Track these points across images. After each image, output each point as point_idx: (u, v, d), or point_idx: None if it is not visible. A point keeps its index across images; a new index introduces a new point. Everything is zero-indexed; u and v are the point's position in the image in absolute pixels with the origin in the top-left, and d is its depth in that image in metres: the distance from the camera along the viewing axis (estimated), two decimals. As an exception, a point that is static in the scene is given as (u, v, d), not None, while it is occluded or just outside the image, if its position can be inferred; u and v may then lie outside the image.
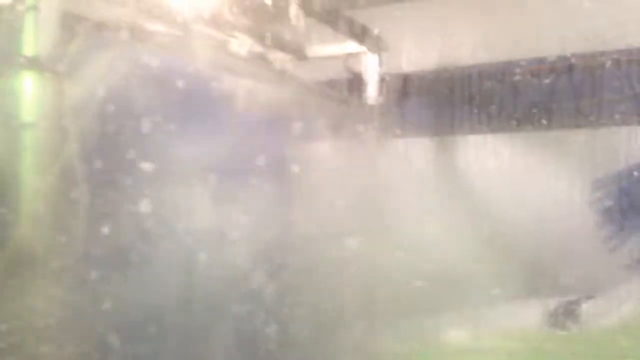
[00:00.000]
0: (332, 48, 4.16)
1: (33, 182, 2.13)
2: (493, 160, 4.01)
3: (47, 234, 2.13)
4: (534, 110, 4.11)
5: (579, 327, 2.10)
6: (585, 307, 2.20)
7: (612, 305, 2.17)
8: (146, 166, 2.38)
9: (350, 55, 4.17)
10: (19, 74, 2.13)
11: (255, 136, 3.40)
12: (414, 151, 4.17)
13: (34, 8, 2.12)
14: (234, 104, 3.10)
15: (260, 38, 3.72)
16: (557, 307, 2.22)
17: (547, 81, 4.20)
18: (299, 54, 4.15)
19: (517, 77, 4.29)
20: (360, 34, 3.99)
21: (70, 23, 2.22)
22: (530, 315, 2.29)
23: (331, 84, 4.10)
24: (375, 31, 4.07)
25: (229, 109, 3.08)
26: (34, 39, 2.13)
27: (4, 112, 2.13)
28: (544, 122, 4.03)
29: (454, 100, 4.28)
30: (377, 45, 4.12)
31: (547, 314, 2.22)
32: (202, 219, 2.58)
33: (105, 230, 2.15)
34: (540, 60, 4.30)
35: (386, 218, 3.67)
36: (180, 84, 2.60)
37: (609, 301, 2.20)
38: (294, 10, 3.68)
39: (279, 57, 4.13)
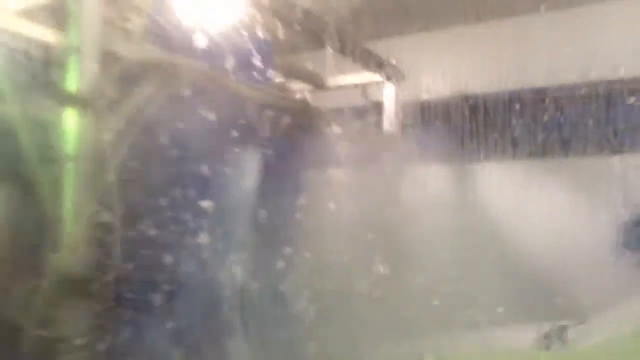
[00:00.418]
0: (351, 78, 4.33)
1: (75, 209, 2.29)
2: (507, 186, 4.12)
3: (87, 257, 2.28)
4: (549, 138, 4.22)
5: (567, 348, 2.20)
6: (574, 330, 2.29)
7: (600, 328, 2.25)
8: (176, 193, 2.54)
9: (369, 84, 4.34)
10: (63, 109, 2.31)
11: (278, 162, 3.55)
12: (431, 177, 4.29)
13: (78, 49, 2.30)
14: (259, 132, 3.24)
15: (282, 68, 3.90)
16: (549, 329, 2.31)
17: (562, 109, 4.32)
18: (320, 84, 4.33)
19: (532, 105, 4.41)
20: (378, 64, 4.16)
21: (109, 62, 2.40)
22: (523, 336, 2.39)
23: (351, 112, 4.25)
24: (392, 61, 4.23)
25: (254, 136, 3.22)
26: (77, 77, 2.31)
27: (49, 145, 2.30)
28: (558, 149, 4.14)
29: (468, 127, 4.41)
30: (394, 75, 4.28)
31: (539, 335, 2.32)
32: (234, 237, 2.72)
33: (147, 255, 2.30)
34: (556, 88, 4.41)
35: (403, 242, 3.79)
36: (208, 114, 2.77)
37: (598, 325, 2.27)
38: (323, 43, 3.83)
39: (299, 87, 4.31)
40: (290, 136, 3.61)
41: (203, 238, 2.52)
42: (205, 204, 2.59)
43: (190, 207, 2.56)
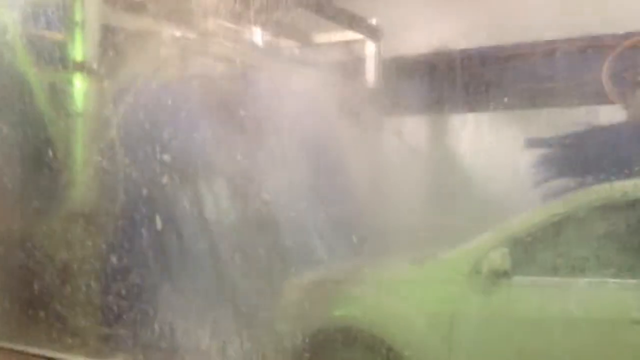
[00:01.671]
0: (335, 36, 4.77)
1: (82, 157, 2.84)
2: (476, 136, 4.58)
3: (92, 196, 2.84)
4: (518, 91, 4.64)
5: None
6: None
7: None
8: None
9: (351, 42, 4.77)
10: (70, 75, 2.83)
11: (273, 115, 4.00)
12: (408, 128, 4.75)
13: (81, 23, 2.80)
14: (254, 92, 3.71)
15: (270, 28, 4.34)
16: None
17: (531, 64, 4.72)
18: (305, 41, 4.76)
19: (505, 60, 4.82)
20: (356, 23, 4.59)
21: (109, 34, 2.91)
22: None
23: (335, 67, 4.70)
24: (371, 20, 4.65)
25: (249, 96, 3.68)
26: (81, 47, 2.82)
27: (60, 105, 2.84)
28: (525, 102, 4.56)
29: (445, 81, 4.84)
30: (373, 32, 4.71)
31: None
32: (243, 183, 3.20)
33: (137, 193, 2.85)
34: (529, 45, 4.79)
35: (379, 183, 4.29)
36: (200, 80, 3.26)
37: None
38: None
39: (287, 44, 4.75)
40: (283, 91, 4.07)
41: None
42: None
43: (179, 156, 3.08)
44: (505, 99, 4.77)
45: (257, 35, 4.08)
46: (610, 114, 3.99)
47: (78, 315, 2.76)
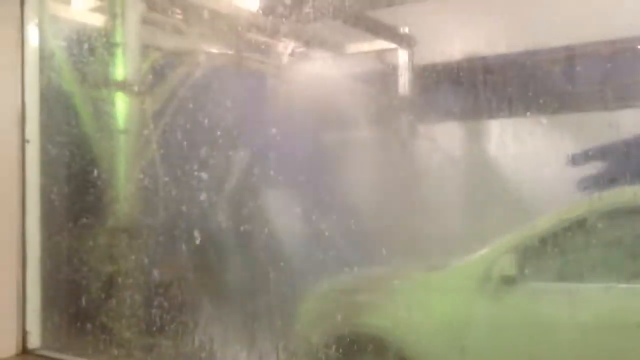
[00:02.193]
0: (368, 45, 4.83)
1: (126, 173, 2.96)
2: (513, 142, 4.57)
3: (136, 212, 2.96)
4: (553, 96, 4.62)
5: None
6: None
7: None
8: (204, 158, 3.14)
9: (384, 51, 4.82)
10: (113, 94, 2.95)
11: (303, 126, 4.08)
12: (444, 136, 4.77)
13: (123, 44, 2.92)
14: (281, 100, 3.81)
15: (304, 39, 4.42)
16: None
17: (567, 68, 4.70)
18: (338, 51, 4.83)
19: (540, 65, 4.80)
20: (388, 33, 4.64)
21: (149, 53, 3.02)
22: None
23: (367, 77, 4.76)
24: (403, 29, 4.69)
25: (275, 104, 3.78)
26: (123, 67, 2.94)
27: (104, 122, 2.96)
28: (562, 107, 4.54)
29: (479, 88, 4.84)
30: (406, 41, 4.76)
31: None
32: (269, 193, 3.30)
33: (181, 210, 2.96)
34: (563, 49, 4.78)
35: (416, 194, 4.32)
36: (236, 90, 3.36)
37: None
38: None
39: (320, 55, 4.83)
40: (313, 101, 4.15)
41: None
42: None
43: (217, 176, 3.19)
44: (542, 104, 4.77)
45: (292, 48, 4.17)
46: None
47: (123, 326, 2.87)
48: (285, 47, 4.20)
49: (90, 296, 2.66)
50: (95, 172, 2.80)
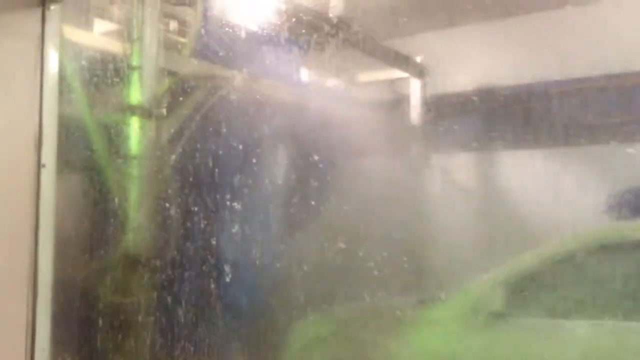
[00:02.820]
0: (379, 74, 4.81)
1: (140, 201, 2.88)
2: (529, 174, 4.52)
3: (149, 240, 2.88)
4: (569, 128, 4.59)
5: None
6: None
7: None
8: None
9: (396, 80, 4.80)
10: (128, 118, 2.89)
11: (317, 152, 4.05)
12: (455, 166, 4.73)
13: (139, 67, 2.88)
14: (300, 128, 3.76)
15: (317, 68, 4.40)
16: None
17: (582, 100, 4.67)
18: (350, 80, 4.81)
19: (553, 97, 4.78)
20: (403, 62, 4.62)
21: (165, 77, 2.97)
22: None
23: (381, 105, 4.73)
24: (417, 58, 4.68)
25: (293, 134, 3.73)
26: (139, 90, 2.89)
27: (119, 148, 2.89)
28: (578, 138, 4.50)
29: (492, 119, 4.82)
30: (419, 70, 4.74)
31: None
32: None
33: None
34: (576, 81, 4.76)
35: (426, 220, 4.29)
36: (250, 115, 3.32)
37: None
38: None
39: (333, 84, 4.81)
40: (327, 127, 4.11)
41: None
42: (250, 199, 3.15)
43: (232, 201, 3.12)
44: (559, 136, 4.74)
45: (307, 74, 4.14)
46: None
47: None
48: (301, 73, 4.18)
49: (102, 335, 2.56)
50: (109, 200, 2.73)
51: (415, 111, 4.80)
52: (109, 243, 2.75)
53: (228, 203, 3.01)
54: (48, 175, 1.91)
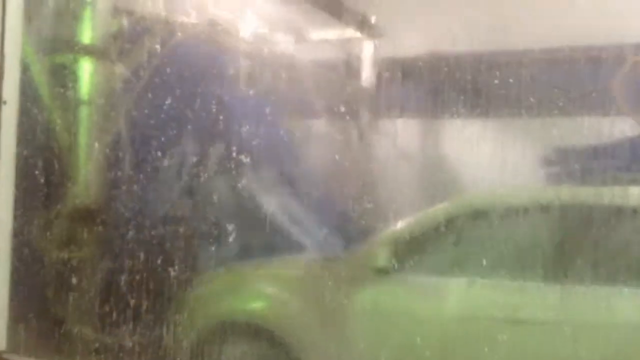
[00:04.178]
0: (332, 32, 4.70)
1: (87, 151, 2.69)
2: (471, 143, 4.60)
3: (97, 192, 2.70)
4: (513, 98, 4.69)
5: None
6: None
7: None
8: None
9: (348, 40, 4.71)
10: (77, 59, 2.67)
11: (258, 114, 3.94)
12: (403, 132, 4.74)
13: (91, 3, 2.65)
14: (241, 83, 3.63)
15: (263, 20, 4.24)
16: None
17: (528, 72, 4.77)
18: (301, 37, 4.68)
19: (504, 66, 4.85)
20: (357, 20, 4.53)
21: (119, 16, 2.76)
22: None
23: (329, 66, 4.64)
24: (372, 18, 4.61)
25: (236, 87, 3.60)
26: (90, 29, 2.67)
27: (64, 92, 2.68)
28: (524, 110, 4.61)
29: (443, 85, 4.84)
30: (372, 31, 4.67)
31: None
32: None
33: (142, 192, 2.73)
34: (526, 52, 4.84)
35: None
36: (201, 67, 3.16)
37: None
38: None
39: (282, 39, 4.66)
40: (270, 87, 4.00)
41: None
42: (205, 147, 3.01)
43: (189, 150, 2.98)
44: (506, 107, 4.83)
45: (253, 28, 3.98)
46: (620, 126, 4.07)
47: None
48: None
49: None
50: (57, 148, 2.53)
51: (366, 73, 4.75)
52: (60, 194, 2.56)
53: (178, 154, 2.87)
54: (10, 113, 1.72)
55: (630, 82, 4.00)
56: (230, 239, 3.22)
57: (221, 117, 3.32)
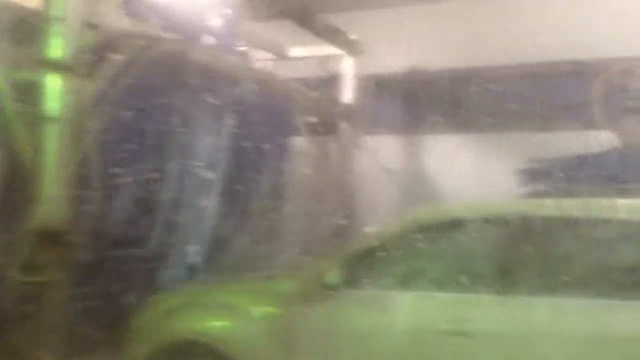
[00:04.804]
0: (311, 49, 4.69)
1: (55, 168, 2.62)
2: (450, 157, 4.59)
3: (66, 211, 2.62)
4: (494, 114, 4.67)
5: None
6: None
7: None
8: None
9: (328, 57, 4.70)
10: (46, 74, 2.61)
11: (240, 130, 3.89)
12: (383, 147, 4.73)
13: (62, 18, 2.60)
14: (218, 97, 3.57)
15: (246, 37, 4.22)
16: None
17: (506, 87, 4.77)
18: (281, 54, 4.66)
19: (480, 83, 4.85)
20: (337, 37, 4.52)
21: (90, 32, 2.72)
22: None
23: (309, 83, 4.62)
24: (352, 35, 4.60)
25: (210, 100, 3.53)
26: (60, 44, 2.61)
27: (32, 109, 2.61)
28: (502, 125, 4.60)
29: (422, 102, 4.83)
30: (352, 48, 4.66)
31: None
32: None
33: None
34: (503, 67, 4.85)
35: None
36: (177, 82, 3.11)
37: None
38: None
39: (261, 56, 4.64)
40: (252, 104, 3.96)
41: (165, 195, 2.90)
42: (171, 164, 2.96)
43: (160, 166, 2.92)
44: (484, 122, 4.82)
45: (241, 45, 3.96)
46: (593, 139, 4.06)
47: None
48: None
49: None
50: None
51: (347, 90, 4.73)
52: (22, 214, 2.49)
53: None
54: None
55: (607, 96, 4.02)
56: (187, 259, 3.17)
57: (190, 132, 3.26)
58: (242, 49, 4.25)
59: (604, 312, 2.19)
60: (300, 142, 4.46)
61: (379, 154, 4.67)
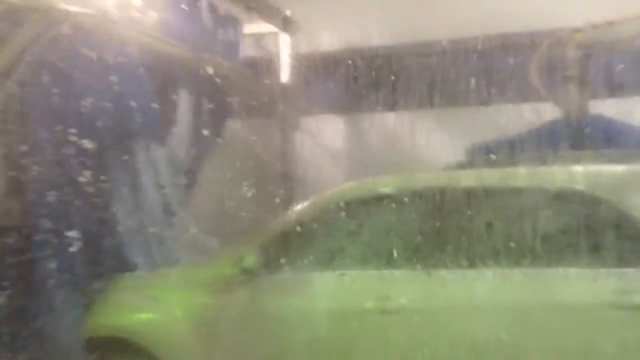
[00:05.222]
0: (245, 27, 4.49)
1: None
2: (391, 135, 4.51)
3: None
4: (432, 90, 4.60)
5: None
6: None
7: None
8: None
9: (264, 35, 4.52)
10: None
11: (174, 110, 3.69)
12: (321, 126, 4.61)
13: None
14: (143, 76, 3.35)
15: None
16: None
17: (444, 62, 4.69)
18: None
19: (419, 58, 4.76)
20: (273, 15, 4.35)
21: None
22: None
23: (245, 62, 4.43)
24: (287, 12, 4.43)
25: (136, 80, 3.32)
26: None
27: None
28: (442, 100, 4.52)
29: (361, 79, 4.71)
30: (288, 26, 4.49)
31: None
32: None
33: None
34: (441, 43, 4.76)
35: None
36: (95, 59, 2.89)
37: None
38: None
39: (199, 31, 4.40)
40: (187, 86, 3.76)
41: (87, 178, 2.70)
42: (90, 145, 2.74)
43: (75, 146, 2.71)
44: (423, 98, 4.74)
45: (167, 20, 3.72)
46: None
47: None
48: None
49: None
50: None
51: (284, 69, 4.55)
52: None
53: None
54: None
55: (545, 66, 3.98)
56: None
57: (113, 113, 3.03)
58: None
59: (528, 282, 2.16)
60: (235, 124, 4.29)
61: (319, 135, 4.54)
